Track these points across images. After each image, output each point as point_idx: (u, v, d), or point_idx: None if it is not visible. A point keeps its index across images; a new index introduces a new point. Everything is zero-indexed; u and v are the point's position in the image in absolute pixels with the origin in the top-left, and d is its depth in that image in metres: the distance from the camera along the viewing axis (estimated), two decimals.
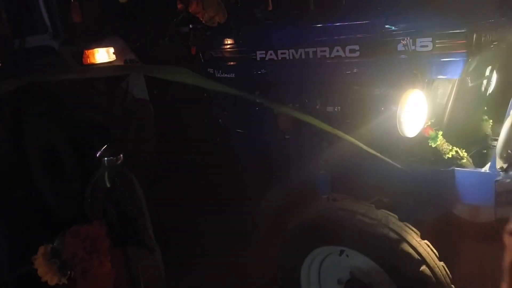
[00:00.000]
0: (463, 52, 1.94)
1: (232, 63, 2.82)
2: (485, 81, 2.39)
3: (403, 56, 2.09)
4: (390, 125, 1.98)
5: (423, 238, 1.84)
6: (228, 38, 2.82)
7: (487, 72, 2.35)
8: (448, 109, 2.12)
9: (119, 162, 1.67)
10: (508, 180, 1.90)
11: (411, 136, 2.00)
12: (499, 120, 2.02)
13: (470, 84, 2.17)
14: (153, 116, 2.98)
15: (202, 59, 2.99)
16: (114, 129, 2.75)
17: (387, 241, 1.77)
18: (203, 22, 2.70)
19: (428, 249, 1.78)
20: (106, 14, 3.13)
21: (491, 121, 2.51)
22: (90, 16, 2.94)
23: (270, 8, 3.56)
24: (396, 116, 1.94)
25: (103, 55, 2.84)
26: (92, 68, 2.79)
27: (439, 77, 2.06)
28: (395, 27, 2.12)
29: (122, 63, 2.92)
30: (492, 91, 2.53)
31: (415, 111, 1.98)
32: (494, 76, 2.51)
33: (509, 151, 1.90)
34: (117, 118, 2.82)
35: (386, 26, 2.15)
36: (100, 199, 1.70)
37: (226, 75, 2.86)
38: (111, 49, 2.89)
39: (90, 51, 2.80)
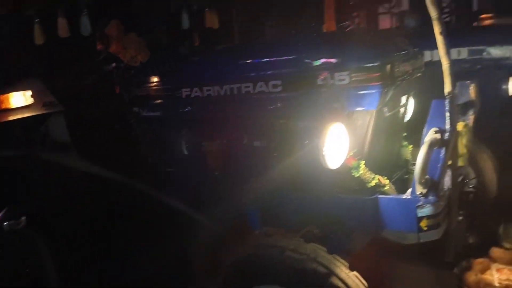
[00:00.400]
0: (378, 84, 2.04)
1: (157, 101, 2.77)
2: (402, 109, 2.52)
3: (323, 90, 2.16)
4: (314, 158, 2.02)
5: (352, 269, 1.86)
6: (152, 76, 2.78)
7: (404, 100, 2.48)
8: (368, 139, 2.20)
9: (21, 225, 1.54)
10: (428, 205, 1.99)
11: (334, 167, 2.05)
12: (418, 145, 2.12)
13: (387, 114, 2.27)
14: (76, 160, 2.84)
15: (127, 98, 2.92)
16: (33, 177, 2.58)
17: (316, 276, 1.77)
18: (125, 62, 2.64)
19: (357, 280, 1.80)
20: (22, 55, 2.98)
21: (410, 146, 2.64)
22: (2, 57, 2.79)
23: (197, 43, 3.58)
24: (319, 149, 1.99)
25: (19, 99, 2.68)
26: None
27: (357, 109, 2.14)
28: (314, 62, 2.19)
29: (40, 107, 2.77)
30: (410, 118, 2.67)
31: (336, 143, 2.03)
32: (411, 104, 2.65)
33: (426, 176, 1.99)
34: (36, 164, 2.65)
35: (306, 61, 2.22)
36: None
37: (151, 113, 2.80)
38: (28, 92, 2.74)
39: (4, 95, 2.64)
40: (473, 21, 6.15)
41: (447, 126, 1.95)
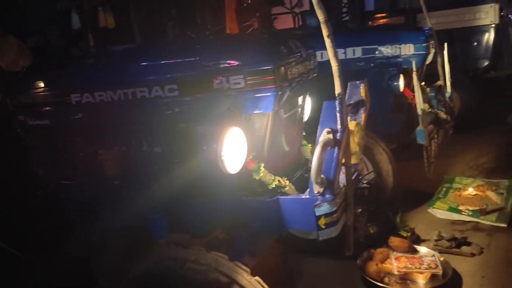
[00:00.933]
0: (273, 87, 2.05)
1: (45, 108, 2.56)
2: (299, 109, 2.57)
3: (219, 94, 2.13)
4: (213, 163, 1.99)
5: (254, 273, 1.86)
6: (38, 81, 2.55)
7: (300, 101, 2.53)
8: (266, 142, 2.20)
9: None
10: (325, 204, 2.04)
11: (234, 172, 2.03)
12: None
13: (284, 115, 2.29)
14: None
15: (11, 106, 2.66)
16: None
17: (219, 286, 1.73)
18: (4, 67, 2.40)
19: (259, 286, 1.79)
20: None
21: (309, 145, 2.70)
22: None
23: (92, 44, 3.38)
24: (217, 154, 1.96)
25: None
26: None
27: (254, 112, 2.14)
28: (210, 66, 2.15)
29: None
30: (308, 118, 2.74)
31: (235, 147, 2.01)
32: (308, 103, 2.72)
33: (322, 176, 2.04)
34: None
35: (202, 64, 2.17)
36: None
37: (39, 122, 2.58)
38: None
39: None
40: (368, 20, 6.54)
41: (339, 127, 2.02)
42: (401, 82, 3.90)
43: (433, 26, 5.41)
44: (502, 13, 5.90)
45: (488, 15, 5.84)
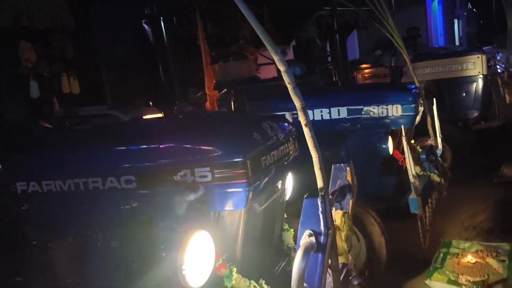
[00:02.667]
0: (244, 182, 1.76)
1: None
2: (279, 194, 2.27)
3: (182, 188, 1.82)
4: (174, 275, 1.67)
5: None
6: None
7: (279, 186, 2.24)
8: (239, 241, 1.90)
9: None
10: None
11: (199, 286, 1.70)
12: None
13: (260, 208, 2.00)
14: None
15: None
16: None
17: None
18: None
19: None
20: None
21: (292, 230, 2.40)
22: None
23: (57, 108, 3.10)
24: (178, 266, 1.64)
25: None
26: None
27: (224, 209, 1.84)
28: (171, 155, 1.86)
29: None
30: (288, 199, 2.44)
31: (200, 255, 1.70)
32: (289, 182, 2.43)
33: (305, 284, 1.73)
34: None
35: (162, 153, 1.88)
36: None
37: None
38: None
39: None
40: (353, 70, 6.39)
41: (322, 228, 1.72)
42: (390, 144, 3.66)
43: (421, 76, 5.26)
44: (489, 64, 5.79)
45: (476, 66, 5.72)
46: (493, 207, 5.01)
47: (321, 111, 3.79)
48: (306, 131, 1.70)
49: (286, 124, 2.19)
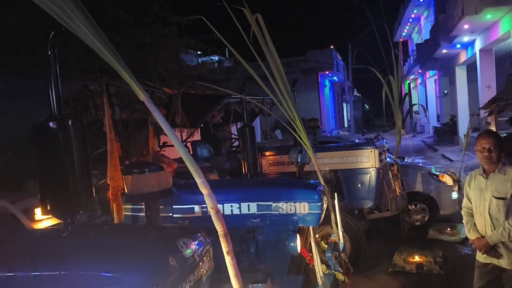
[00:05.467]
0: None
1: None
2: None
3: None
4: None
5: None
6: None
7: None
8: None
9: None
10: None
11: None
12: None
13: None
14: None
15: None
16: None
17: None
18: None
19: None
20: None
21: None
22: None
23: None
24: None
25: None
26: None
27: None
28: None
29: None
30: None
31: None
32: None
33: None
34: None
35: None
36: None
37: None
38: None
39: None
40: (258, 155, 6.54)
41: None
42: (298, 242, 3.66)
43: (321, 166, 5.51)
44: (381, 158, 6.29)
45: (369, 159, 6.17)
46: None
47: (231, 206, 3.73)
48: (228, 259, 1.60)
49: (201, 238, 2.07)
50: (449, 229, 7.59)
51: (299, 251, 3.67)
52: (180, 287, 1.68)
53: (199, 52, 12.69)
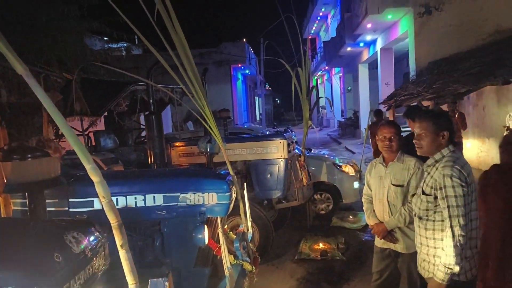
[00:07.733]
0: None
1: None
2: None
3: None
4: None
5: None
6: None
7: None
8: None
9: None
10: None
11: None
12: None
13: None
14: None
15: None
16: None
17: None
18: None
19: None
20: None
21: None
22: None
23: None
24: None
25: None
26: None
27: None
28: None
29: None
30: None
31: None
32: None
33: None
34: None
35: None
36: None
37: None
38: None
39: None
40: (167, 146, 6.34)
41: None
42: (206, 234, 3.57)
43: (231, 157, 5.46)
44: (289, 148, 6.40)
45: (278, 150, 6.25)
46: (294, 285, 5.32)
47: (135, 198, 3.53)
48: (122, 253, 1.46)
49: (96, 232, 1.88)
50: (351, 217, 7.99)
51: (206, 242, 3.58)
52: (68, 285, 1.50)
53: (106, 38, 12.02)
